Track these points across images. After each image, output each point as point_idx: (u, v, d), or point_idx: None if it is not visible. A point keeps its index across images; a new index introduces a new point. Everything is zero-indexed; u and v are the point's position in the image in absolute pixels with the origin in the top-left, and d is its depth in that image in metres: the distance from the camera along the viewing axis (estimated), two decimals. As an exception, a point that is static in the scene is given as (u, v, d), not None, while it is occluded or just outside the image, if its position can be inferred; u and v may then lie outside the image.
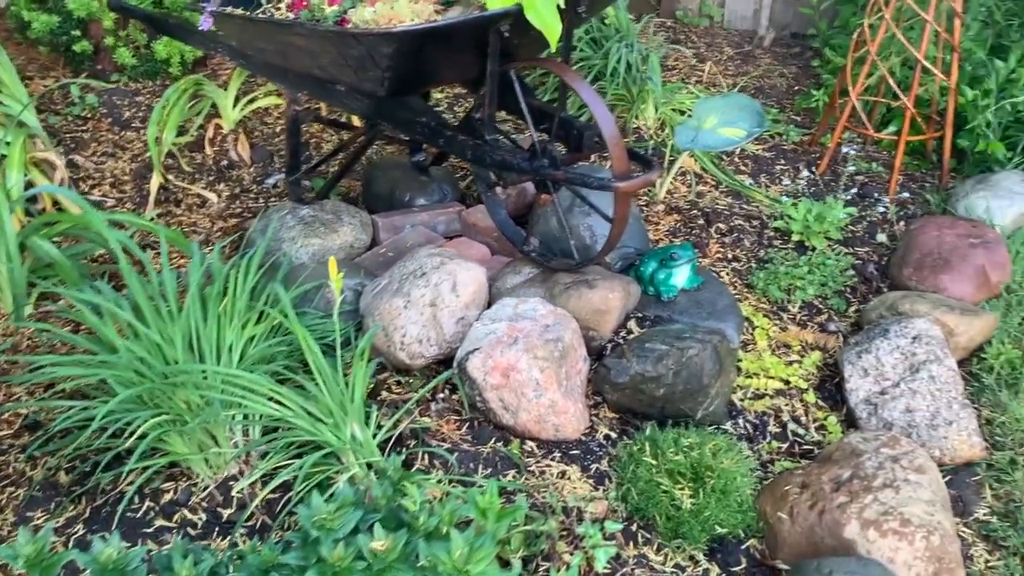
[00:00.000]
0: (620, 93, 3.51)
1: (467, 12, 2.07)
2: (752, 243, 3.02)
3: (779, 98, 3.93)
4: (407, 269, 2.35)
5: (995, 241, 2.77)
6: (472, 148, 2.31)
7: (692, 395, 2.22)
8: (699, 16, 4.72)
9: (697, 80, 4.01)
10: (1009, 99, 3.22)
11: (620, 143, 2.13)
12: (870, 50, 3.19)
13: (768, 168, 3.41)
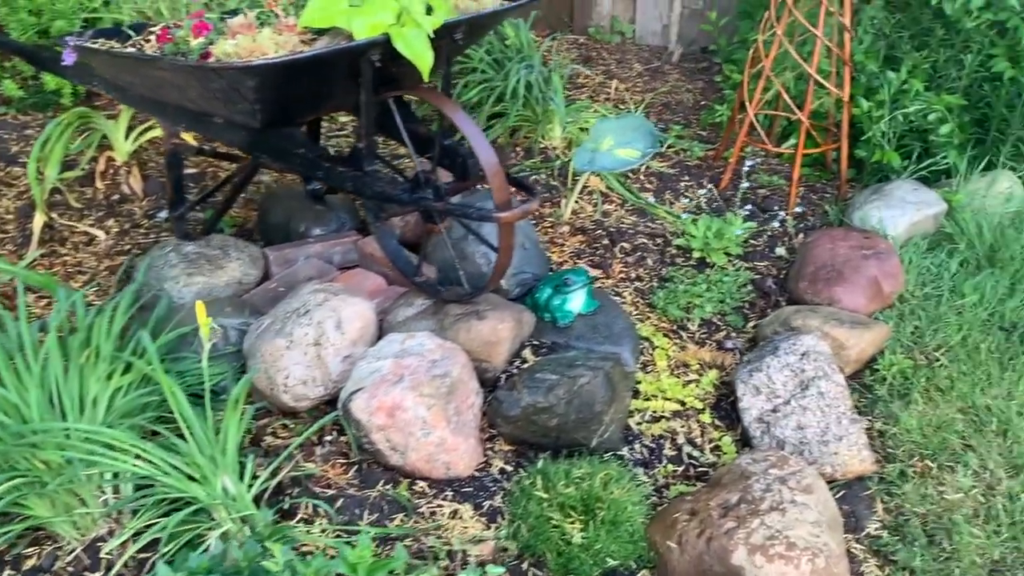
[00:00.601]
0: (525, 114, 3.49)
1: (333, 43, 2.03)
2: (655, 261, 3.01)
3: (685, 113, 3.95)
4: (290, 307, 2.29)
5: (887, 252, 2.81)
6: (352, 180, 2.27)
7: (585, 424, 2.19)
8: (611, 33, 4.73)
9: (605, 98, 4.01)
10: (901, 110, 3.28)
11: (500, 173, 2.10)
12: (765, 66, 3.22)
13: (673, 185, 3.42)
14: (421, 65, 2.03)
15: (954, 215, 3.08)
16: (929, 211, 3.05)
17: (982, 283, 2.82)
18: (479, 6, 2.26)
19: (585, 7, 4.72)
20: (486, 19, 2.25)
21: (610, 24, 4.74)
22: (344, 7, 2.02)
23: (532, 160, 3.42)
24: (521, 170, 3.36)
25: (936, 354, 2.59)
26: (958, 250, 2.96)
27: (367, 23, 1.99)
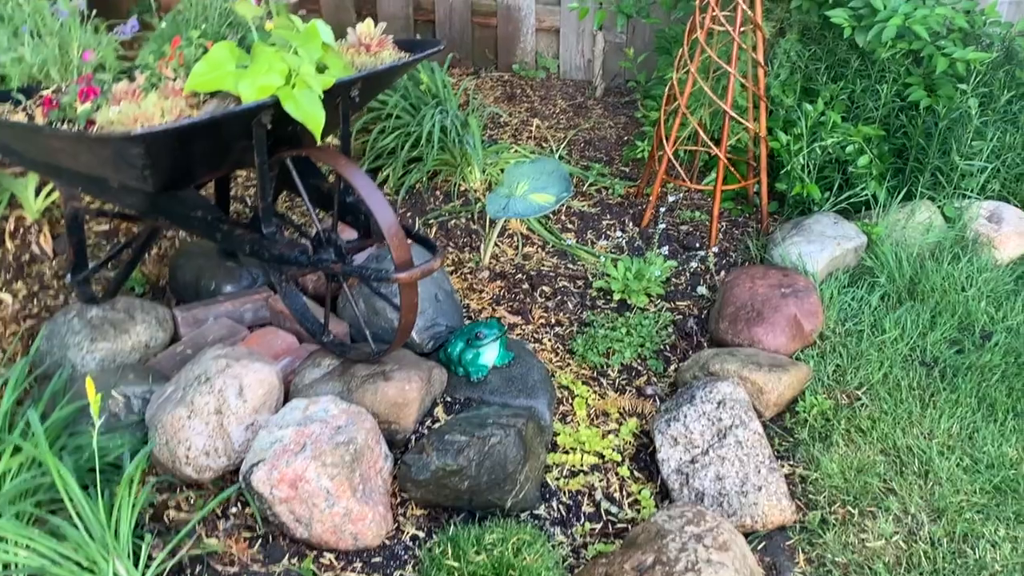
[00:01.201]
0: (443, 158, 3.44)
1: (222, 106, 1.96)
2: (576, 305, 2.97)
3: (608, 150, 3.94)
4: (192, 374, 2.20)
5: (806, 289, 2.80)
6: (249, 243, 2.20)
7: (499, 484, 2.13)
8: (535, 69, 4.72)
9: (528, 136, 3.99)
10: (819, 143, 3.29)
11: (398, 232, 2.04)
12: (680, 104, 3.21)
13: (595, 224, 3.39)
14: (312, 126, 1.98)
15: (874, 248, 3.08)
16: (849, 244, 3.05)
17: (903, 317, 2.82)
18: (376, 61, 2.21)
19: (509, 44, 4.71)
20: (383, 75, 2.21)
21: (535, 60, 4.73)
22: (231, 69, 1.96)
23: (451, 204, 3.37)
24: (440, 215, 3.31)
25: (858, 393, 2.58)
26: (879, 283, 2.97)
27: (254, 86, 1.93)
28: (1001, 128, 3.22)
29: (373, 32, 2.23)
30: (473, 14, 4.70)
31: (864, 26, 3.16)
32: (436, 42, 2.35)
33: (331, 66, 2.09)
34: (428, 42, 2.36)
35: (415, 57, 2.27)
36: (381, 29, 2.30)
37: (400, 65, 2.24)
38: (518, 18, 4.63)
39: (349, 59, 2.20)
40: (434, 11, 4.74)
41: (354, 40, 2.24)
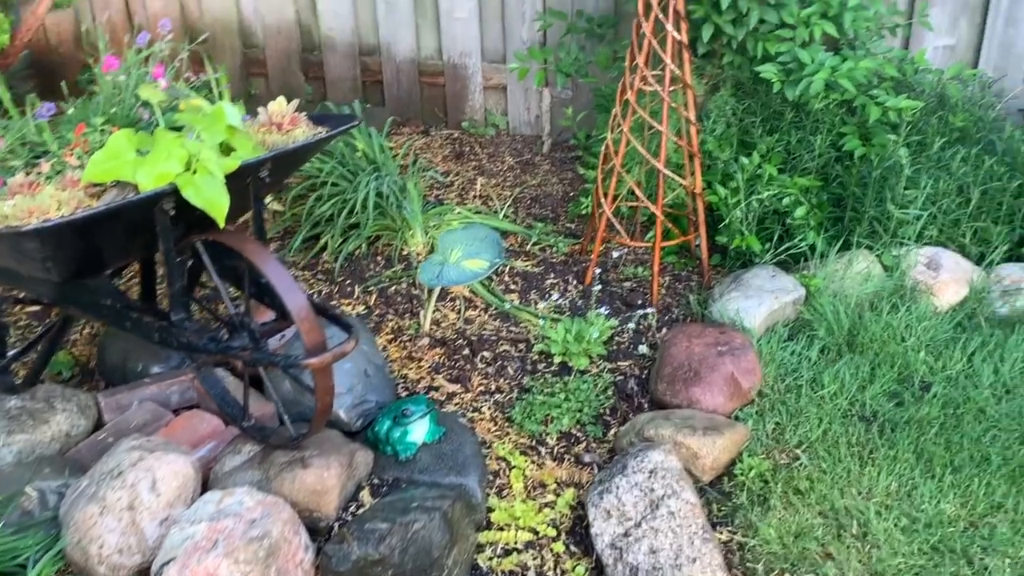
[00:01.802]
0: (383, 223, 3.42)
1: (121, 196, 1.93)
2: (516, 370, 2.94)
3: (554, 206, 3.92)
4: (106, 467, 2.14)
5: (742, 347, 2.77)
6: (158, 331, 2.16)
7: (425, 572, 2.07)
8: (485, 126, 4.72)
9: (475, 195, 3.97)
10: (756, 196, 3.28)
11: (308, 317, 2.01)
12: (616, 163, 3.20)
13: (538, 284, 3.36)
14: (215, 213, 1.95)
15: (813, 300, 3.07)
16: (787, 298, 3.04)
17: (842, 370, 2.80)
18: (288, 140, 2.19)
19: (457, 102, 4.72)
20: (295, 153, 2.19)
21: (484, 117, 4.74)
22: (130, 158, 1.94)
23: (392, 269, 3.34)
24: (380, 281, 3.28)
25: (797, 451, 2.54)
26: (818, 336, 2.95)
27: (152, 174, 1.91)
28: (935, 175, 3.23)
29: (285, 110, 2.22)
30: (421, 74, 4.71)
31: (793, 80, 3.17)
32: (352, 117, 2.33)
33: (239, 147, 2.06)
34: (344, 117, 2.35)
35: (330, 134, 2.25)
36: (293, 107, 2.28)
37: (313, 143, 2.22)
38: (465, 76, 4.65)
39: (261, 138, 2.17)
40: (382, 72, 4.76)
41: (265, 119, 2.22)
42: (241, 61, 4.90)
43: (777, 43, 3.23)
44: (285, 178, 2.39)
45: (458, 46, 4.59)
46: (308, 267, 3.35)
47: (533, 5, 4.38)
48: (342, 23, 4.68)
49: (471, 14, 4.51)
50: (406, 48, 4.66)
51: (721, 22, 3.18)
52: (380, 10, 4.61)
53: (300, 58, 4.83)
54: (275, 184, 2.21)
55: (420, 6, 4.59)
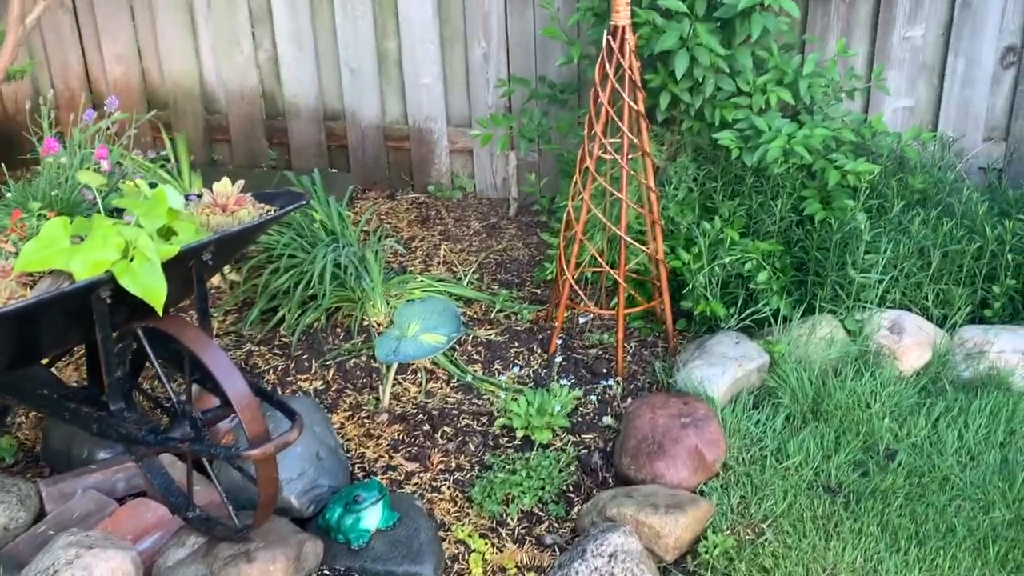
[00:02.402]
0: (343, 294, 3.36)
1: (56, 285, 1.88)
2: (478, 446, 2.87)
3: (520, 271, 3.89)
4: (40, 566, 2.05)
5: (705, 418, 2.73)
6: (96, 422, 2.09)
7: (374, 666, 1.99)
8: (451, 189, 4.71)
9: (439, 261, 3.94)
10: (718, 261, 3.27)
11: (250, 406, 1.95)
12: (577, 231, 3.18)
13: (502, 353, 3.31)
14: (153, 301, 1.90)
15: (777, 366, 3.04)
16: (751, 365, 3.00)
17: (807, 440, 2.76)
18: (233, 221, 2.15)
19: (423, 166, 4.71)
20: (239, 236, 2.14)
21: (450, 180, 4.72)
22: (64, 245, 1.89)
23: (352, 341, 3.28)
24: (339, 354, 3.22)
25: (762, 526, 2.49)
26: (783, 404, 2.91)
27: (87, 262, 1.86)
28: (895, 238, 3.23)
29: (230, 191, 2.18)
30: (386, 138, 4.71)
31: (751, 147, 3.18)
32: (300, 195, 2.30)
33: (181, 231, 2.02)
34: (292, 195, 2.31)
35: (275, 215, 2.21)
36: (239, 187, 2.24)
37: (259, 224, 2.18)
38: (431, 140, 4.64)
39: (205, 219, 2.13)
40: (347, 137, 4.75)
41: (209, 200, 2.18)
42: (204, 127, 4.88)
43: (734, 110, 3.24)
44: (230, 259, 2.35)
45: (423, 111, 4.59)
46: (265, 341, 3.29)
47: (497, 70, 4.39)
48: (306, 89, 4.68)
49: (435, 79, 4.52)
50: (371, 113, 4.66)
51: (678, 91, 3.19)
52: (345, 76, 4.61)
53: (264, 124, 4.82)
54: (219, 266, 2.16)
55: (385, 72, 4.60)
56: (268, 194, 2.36)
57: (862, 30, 3.84)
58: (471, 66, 4.45)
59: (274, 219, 2.22)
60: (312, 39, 4.59)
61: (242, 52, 4.69)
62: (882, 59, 3.82)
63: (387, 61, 4.57)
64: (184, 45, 4.73)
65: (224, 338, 3.34)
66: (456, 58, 4.50)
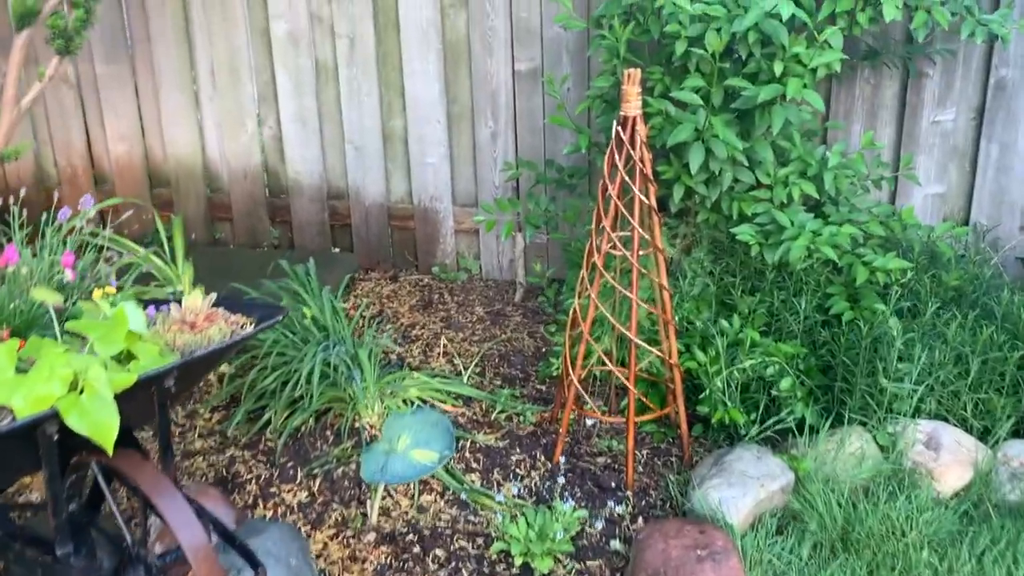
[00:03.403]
0: (334, 394, 3.15)
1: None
2: (471, 573, 2.62)
3: (524, 365, 3.67)
4: None
5: (724, 551, 2.47)
6: (41, 567, 1.87)
7: None
8: (456, 271, 4.52)
9: (440, 353, 3.72)
10: (736, 365, 3.04)
11: (207, 559, 1.72)
12: (583, 330, 2.97)
13: (502, 460, 3.08)
14: (102, 439, 1.69)
15: (802, 486, 2.78)
16: (774, 485, 2.75)
17: (835, 575, 2.49)
18: (202, 340, 1.95)
19: (428, 246, 4.54)
20: (207, 358, 1.94)
21: (456, 261, 4.54)
22: (8, 376, 1.69)
23: (342, 446, 3.05)
24: (326, 461, 2.99)
25: None
26: (809, 530, 2.65)
27: (30, 397, 1.66)
28: (929, 343, 2.99)
29: (200, 306, 1.98)
30: (391, 217, 4.55)
31: (772, 244, 2.97)
32: (279, 309, 2.10)
33: (142, 355, 1.82)
34: (271, 308, 2.12)
35: (250, 332, 2.01)
36: (210, 302, 2.05)
37: (230, 344, 1.98)
38: (436, 220, 4.48)
39: (171, 338, 1.93)
40: (350, 215, 4.59)
41: (177, 316, 1.98)
42: (206, 205, 4.74)
43: (753, 203, 3.04)
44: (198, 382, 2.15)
45: (429, 190, 4.44)
46: (250, 445, 3.07)
47: (505, 150, 4.24)
48: (310, 167, 4.54)
49: (442, 159, 4.37)
50: (376, 192, 4.51)
51: (692, 183, 2.99)
52: (349, 155, 4.47)
53: (267, 202, 4.67)
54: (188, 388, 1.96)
55: (390, 150, 4.46)
56: (245, 304, 2.16)
57: (888, 113, 3.66)
58: (478, 145, 4.30)
59: (248, 336, 2.02)
60: (317, 117, 4.46)
61: (246, 131, 4.57)
62: (910, 144, 3.63)
63: (393, 140, 4.43)
64: (188, 123, 4.62)
65: (208, 439, 3.13)
66: (463, 137, 4.36)
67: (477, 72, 4.19)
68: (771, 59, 2.72)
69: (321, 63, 4.38)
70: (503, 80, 4.16)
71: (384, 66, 4.32)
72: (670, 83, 2.91)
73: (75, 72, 4.62)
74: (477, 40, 4.14)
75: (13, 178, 4.81)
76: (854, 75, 3.61)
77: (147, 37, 4.50)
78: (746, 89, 2.73)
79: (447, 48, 4.22)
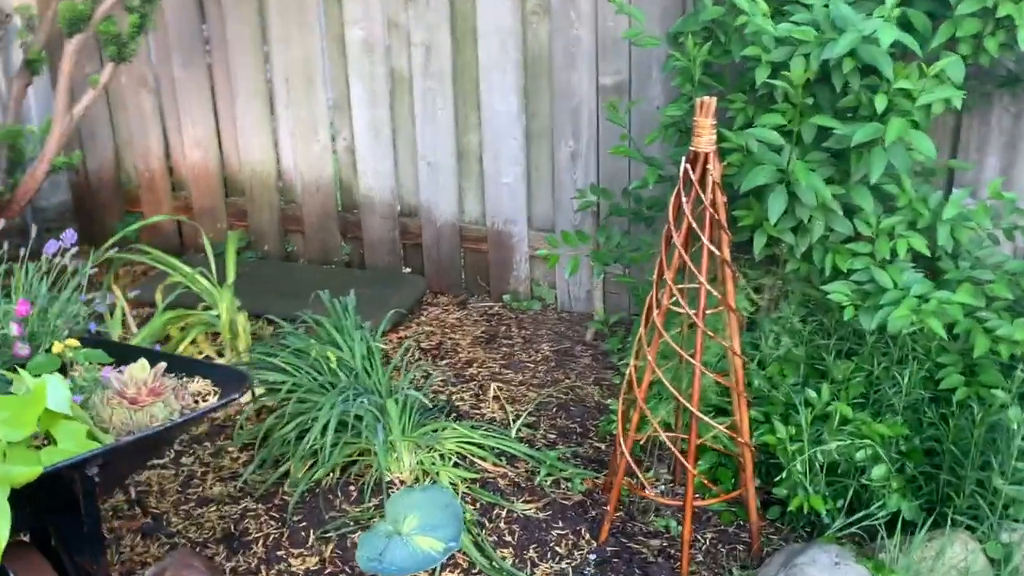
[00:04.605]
0: (360, 445, 2.86)
1: None
2: (485, 673, 2.28)
3: (584, 418, 3.29)
4: None
5: None
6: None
7: None
8: (529, 299, 4.19)
9: (492, 397, 3.39)
10: (822, 446, 2.58)
11: None
12: (639, 397, 2.57)
13: (542, 534, 2.72)
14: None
15: (888, 605, 2.31)
16: (853, 600, 2.29)
17: None
18: (144, 418, 1.68)
19: (501, 271, 4.21)
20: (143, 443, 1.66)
21: (529, 289, 4.20)
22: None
23: (364, 505, 2.75)
24: (342, 524, 2.69)
25: None
26: (892, 664, 2.18)
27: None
28: (1063, 438, 2.45)
29: (145, 376, 1.71)
30: (463, 239, 4.25)
31: (869, 307, 2.49)
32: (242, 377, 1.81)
33: (62, 438, 1.56)
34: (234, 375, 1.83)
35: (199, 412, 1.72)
36: (158, 372, 1.77)
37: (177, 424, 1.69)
38: (510, 244, 4.15)
39: (107, 414, 1.67)
40: (421, 235, 4.32)
41: (117, 387, 1.72)
42: (279, 217, 4.57)
43: (850, 257, 2.56)
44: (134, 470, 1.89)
45: (504, 212, 4.11)
46: (266, 497, 2.81)
47: (586, 173, 3.88)
48: (382, 182, 4.29)
49: (518, 179, 4.04)
50: (448, 211, 4.22)
51: (775, 233, 2.54)
52: (422, 171, 4.20)
53: (338, 217, 4.46)
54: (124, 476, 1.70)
55: (464, 168, 4.16)
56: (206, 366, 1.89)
57: (1031, 149, 3.09)
58: (557, 165, 3.95)
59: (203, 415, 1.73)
60: (390, 130, 4.21)
61: (319, 141, 4.36)
62: (1057, 186, 3.06)
63: (467, 156, 4.13)
64: (263, 131, 4.45)
65: (227, 484, 2.88)
66: (542, 156, 4.02)
67: (558, 86, 3.83)
68: (873, 91, 2.24)
69: (396, 72, 4.13)
70: (586, 95, 3.79)
71: (461, 77, 4.02)
72: (753, 114, 2.48)
73: (153, 76, 4.52)
74: (559, 51, 3.78)
75: (95, 179, 4.77)
76: (990, 103, 3.06)
77: (224, 41, 4.35)
78: (837, 128, 2.27)
79: (527, 59, 3.89)
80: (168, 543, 2.57)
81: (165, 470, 2.92)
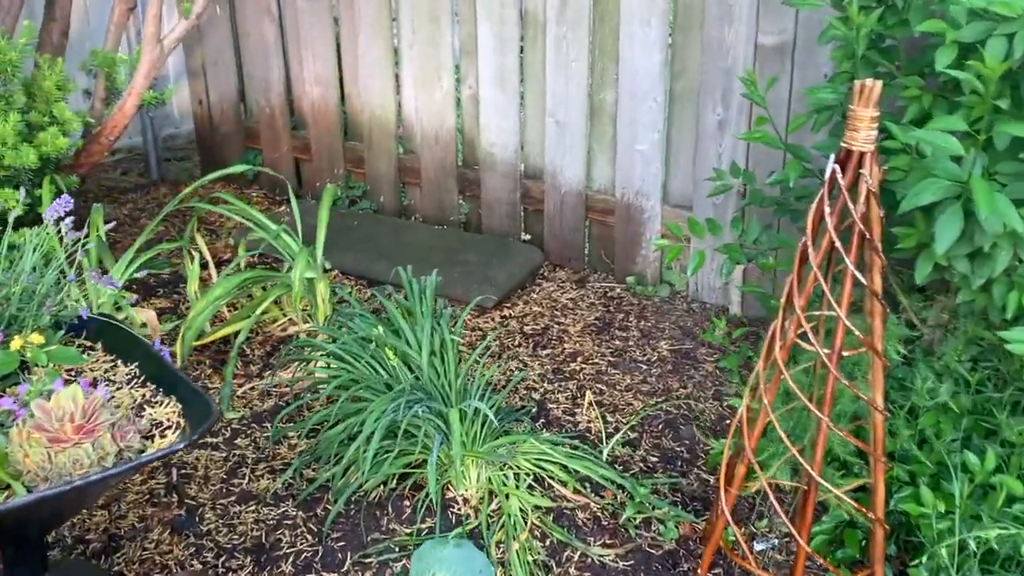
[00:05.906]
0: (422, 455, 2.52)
1: None
2: None
3: (694, 439, 2.81)
4: None
5: None
6: None
7: None
8: (658, 283, 3.70)
9: (589, 403, 2.96)
10: (977, 530, 2.01)
11: None
12: (747, 446, 2.08)
13: (619, 587, 2.30)
14: None
15: None
16: None
17: None
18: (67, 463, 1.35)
19: (628, 249, 3.74)
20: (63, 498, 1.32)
21: (658, 272, 3.71)
22: None
23: (416, 526, 2.41)
24: (386, 549, 2.35)
25: None
26: None
27: None
28: None
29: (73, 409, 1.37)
30: (588, 209, 3.80)
31: (1065, 369, 1.88)
32: (207, 411, 1.45)
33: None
34: (199, 401, 1.47)
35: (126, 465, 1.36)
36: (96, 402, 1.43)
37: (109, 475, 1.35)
38: (640, 220, 3.67)
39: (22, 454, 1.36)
40: (544, 200, 3.89)
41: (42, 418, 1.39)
42: (396, 167, 4.25)
43: (1046, 299, 1.94)
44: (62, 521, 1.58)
45: (635, 183, 3.62)
46: (306, 504, 2.50)
47: (733, 147, 3.32)
48: (505, 139, 3.87)
49: (654, 148, 3.53)
50: (574, 177, 3.76)
51: (942, 260, 1.95)
52: (550, 129, 3.75)
53: (457, 173, 4.09)
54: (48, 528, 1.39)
55: (596, 129, 3.68)
56: (171, 378, 1.53)
57: None
58: (701, 134, 3.41)
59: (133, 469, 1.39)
60: (518, 81, 3.77)
61: (442, 87, 3.98)
62: None
63: (600, 116, 3.65)
64: (384, 73, 4.11)
65: (278, 476, 2.59)
66: (684, 122, 3.49)
67: (709, 42, 3.27)
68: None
69: (529, 15, 3.67)
70: (741, 55, 3.22)
71: (599, 25, 3.52)
72: (931, 105, 1.87)
73: (277, 4, 4.25)
74: (714, 2, 3.21)
75: (217, 112, 4.60)
76: None
77: (350, -29, 4.01)
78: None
79: (677, 8, 3.34)
80: (195, 544, 2.32)
81: (216, 452, 2.68)
